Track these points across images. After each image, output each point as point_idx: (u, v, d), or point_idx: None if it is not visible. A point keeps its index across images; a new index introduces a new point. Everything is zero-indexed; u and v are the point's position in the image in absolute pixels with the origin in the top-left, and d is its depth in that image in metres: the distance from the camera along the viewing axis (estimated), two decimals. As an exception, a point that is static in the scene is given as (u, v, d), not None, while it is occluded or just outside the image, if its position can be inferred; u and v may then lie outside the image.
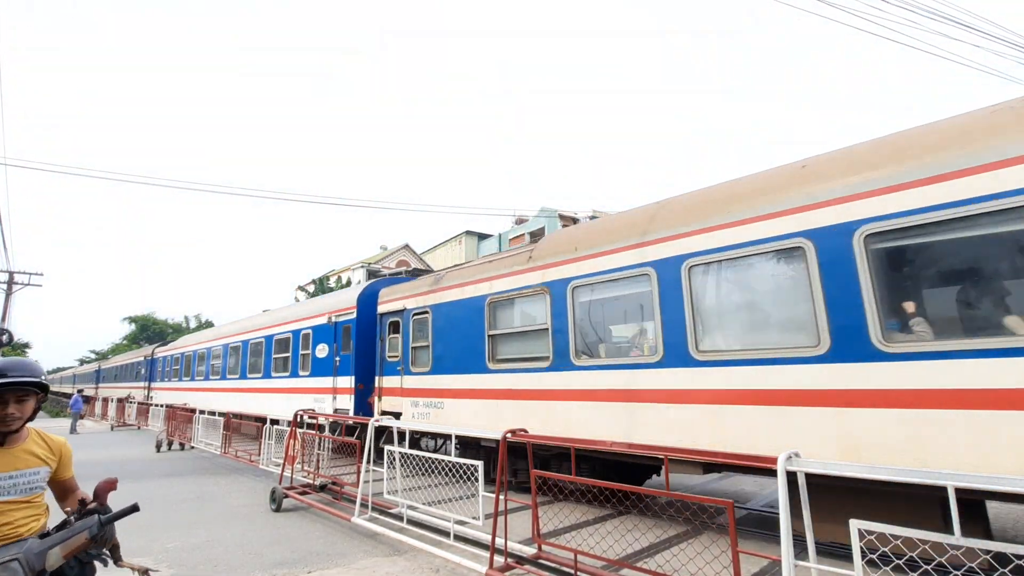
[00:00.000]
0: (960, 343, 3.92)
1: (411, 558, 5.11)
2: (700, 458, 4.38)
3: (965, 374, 3.83)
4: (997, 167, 3.89)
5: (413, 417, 9.20)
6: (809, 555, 3.05)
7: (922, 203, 4.18)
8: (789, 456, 3.19)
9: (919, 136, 4.56)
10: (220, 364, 17.84)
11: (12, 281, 33.36)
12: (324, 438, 8.47)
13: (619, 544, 4.90)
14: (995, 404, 3.69)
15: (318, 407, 11.47)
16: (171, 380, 22.53)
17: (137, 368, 28.26)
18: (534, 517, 4.60)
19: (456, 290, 8.81)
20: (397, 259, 40.28)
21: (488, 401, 7.83)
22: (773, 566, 4.56)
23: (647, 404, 5.80)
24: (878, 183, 4.44)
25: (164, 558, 5.23)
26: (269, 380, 14.37)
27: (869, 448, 4.20)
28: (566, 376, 6.73)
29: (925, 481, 2.74)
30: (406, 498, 5.93)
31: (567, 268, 6.97)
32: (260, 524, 6.48)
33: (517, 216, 37.13)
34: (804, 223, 4.82)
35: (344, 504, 6.95)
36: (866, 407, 4.26)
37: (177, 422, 15.41)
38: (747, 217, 5.26)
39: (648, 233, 6.15)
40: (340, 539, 5.81)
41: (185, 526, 6.42)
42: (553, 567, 4.50)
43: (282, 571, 4.82)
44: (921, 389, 4.02)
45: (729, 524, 3.30)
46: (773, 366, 4.84)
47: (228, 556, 5.27)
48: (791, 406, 4.68)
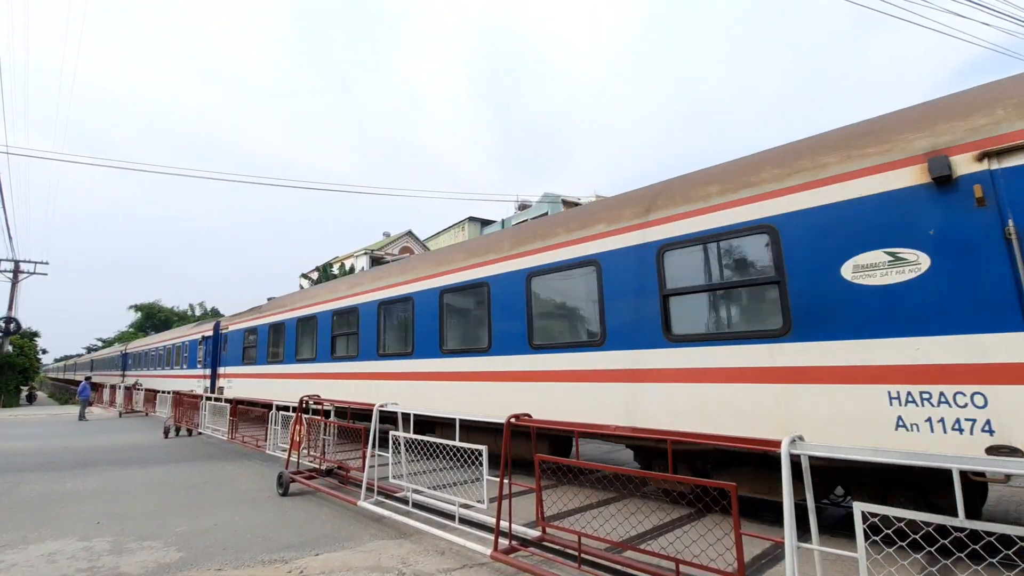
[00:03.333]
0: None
1: (417, 541, 5.17)
2: (704, 442, 4.39)
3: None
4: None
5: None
6: (812, 537, 3.06)
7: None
8: (793, 440, 3.18)
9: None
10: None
11: (18, 270, 33.52)
12: (329, 423, 8.54)
13: (622, 527, 4.94)
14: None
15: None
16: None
17: (192, 349, 21.19)
18: (538, 500, 4.63)
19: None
20: (400, 245, 40.23)
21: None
22: (775, 548, 4.60)
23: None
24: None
25: (173, 541, 5.31)
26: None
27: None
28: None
29: (929, 464, 2.74)
30: (411, 482, 5.98)
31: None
32: (267, 508, 6.56)
33: (520, 202, 36.97)
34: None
35: (350, 488, 7.02)
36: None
37: (184, 408, 15.56)
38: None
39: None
40: (347, 523, 5.88)
41: (193, 510, 6.51)
42: (557, 549, 4.54)
43: (290, 554, 4.88)
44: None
45: (733, 507, 3.31)
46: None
47: (236, 539, 5.34)
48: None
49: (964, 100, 4.49)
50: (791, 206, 4.99)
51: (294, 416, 8.13)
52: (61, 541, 5.42)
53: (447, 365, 8.48)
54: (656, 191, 6.35)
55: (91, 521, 6.11)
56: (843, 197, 4.69)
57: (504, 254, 7.79)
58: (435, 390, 8.59)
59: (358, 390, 10.36)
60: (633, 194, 6.82)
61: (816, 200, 4.85)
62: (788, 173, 5.10)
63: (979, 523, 2.49)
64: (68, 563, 4.79)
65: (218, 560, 4.77)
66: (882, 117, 5.01)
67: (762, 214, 5.17)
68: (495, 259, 7.92)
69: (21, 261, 34.08)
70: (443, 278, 8.84)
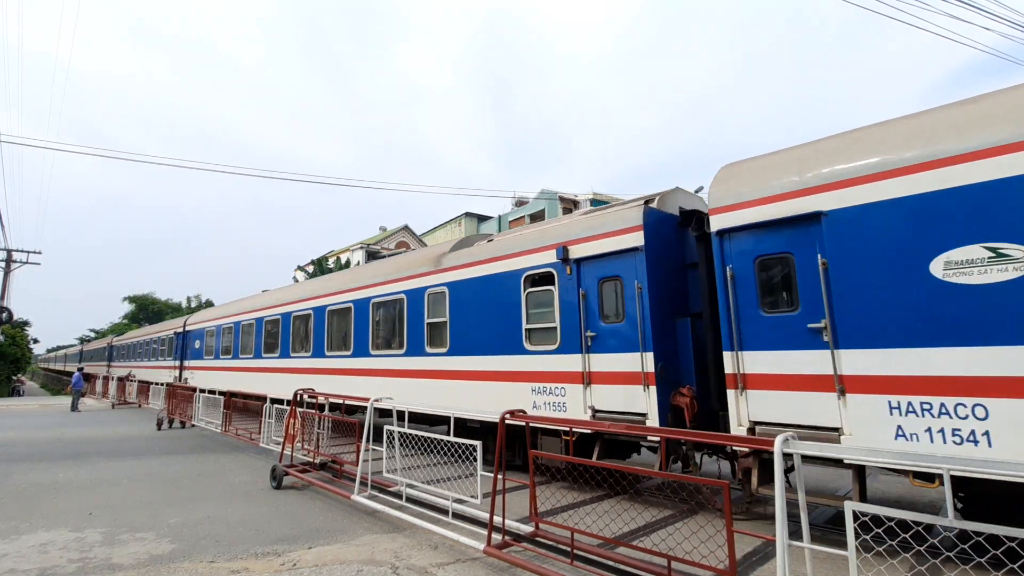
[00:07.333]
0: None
1: (411, 535, 5.18)
2: (699, 439, 4.41)
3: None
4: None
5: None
6: (803, 536, 3.09)
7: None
8: (786, 439, 3.21)
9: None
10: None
11: (10, 259, 33.24)
12: (323, 417, 8.53)
13: (615, 523, 4.97)
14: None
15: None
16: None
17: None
18: (531, 496, 4.65)
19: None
20: (396, 240, 40.14)
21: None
22: (766, 546, 4.64)
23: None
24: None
25: (166, 533, 5.30)
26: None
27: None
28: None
29: (922, 466, 2.76)
30: (405, 477, 5.99)
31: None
32: (261, 501, 6.56)
33: (517, 198, 36.90)
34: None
35: (344, 482, 7.02)
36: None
37: (177, 400, 15.50)
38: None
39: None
40: (340, 516, 5.88)
41: (186, 502, 6.50)
42: (550, 545, 4.57)
43: (283, 547, 4.88)
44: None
45: (725, 504, 3.34)
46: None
47: (229, 532, 5.34)
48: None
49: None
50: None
51: (288, 410, 8.12)
52: (53, 532, 5.40)
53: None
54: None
55: (83, 512, 6.09)
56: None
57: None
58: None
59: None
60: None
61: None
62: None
63: (968, 523, 2.52)
64: (60, 554, 4.78)
65: (211, 552, 4.77)
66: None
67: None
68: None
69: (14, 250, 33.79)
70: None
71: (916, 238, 4.26)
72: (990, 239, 3.92)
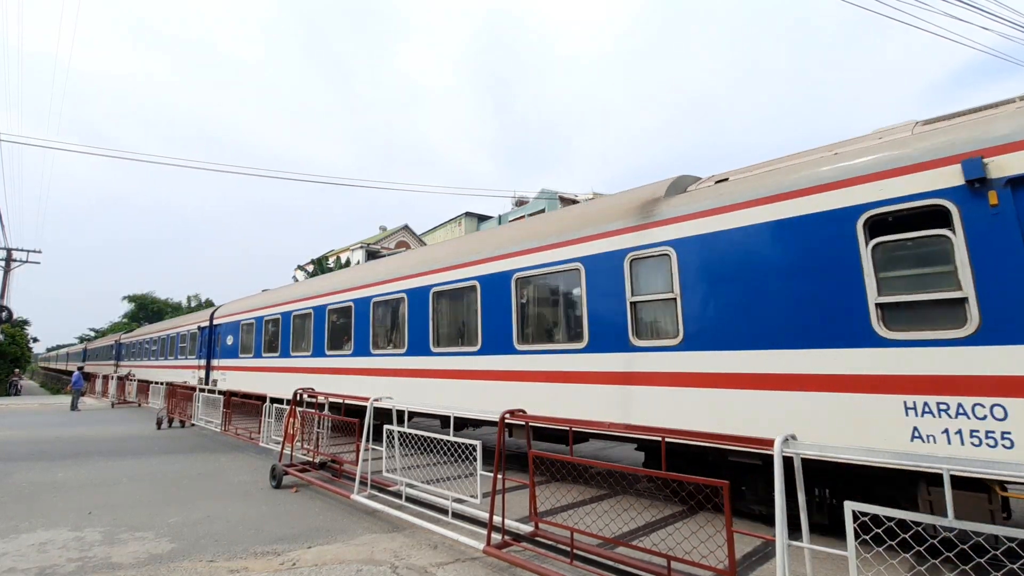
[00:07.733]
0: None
1: (410, 535, 5.18)
2: (698, 440, 4.41)
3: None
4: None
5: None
6: (803, 536, 3.09)
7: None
8: (786, 439, 3.21)
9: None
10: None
11: (10, 258, 33.22)
12: (323, 417, 8.53)
13: (615, 523, 4.97)
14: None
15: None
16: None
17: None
18: (531, 496, 4.65)
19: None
20: (396, 240, 40.14)
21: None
22: (766, 546, 4.64)
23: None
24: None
25: (165, 532, 5.30)
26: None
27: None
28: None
29: (921, 466, 2.76)
30: (405, 476, 5.99)
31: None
32: (260, 500, 6.56)
33: (517, 198, 36.89)
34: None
35: (343, 482, 7.02)
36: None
37: (177, 400, 15.49)
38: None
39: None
40: (340, 516, 5.88)
41: (186, 502, 6.49)
42: (550, 544, 4.57)
43: (282, 546, 4.88)
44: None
45: (725, 504, 3.33)
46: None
47: (229, 531, 5.34)
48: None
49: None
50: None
51: (288, 409, 8.12)
52: (52, 531, 5.40)
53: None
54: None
55: (83, 511, 6.09)
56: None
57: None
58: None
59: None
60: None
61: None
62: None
63: (967, 524, 2.52)
64: (59, 553, 4.78)
65: (210, 552, 4.77)
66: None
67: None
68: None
69: (14, 249, 33.76)
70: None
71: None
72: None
